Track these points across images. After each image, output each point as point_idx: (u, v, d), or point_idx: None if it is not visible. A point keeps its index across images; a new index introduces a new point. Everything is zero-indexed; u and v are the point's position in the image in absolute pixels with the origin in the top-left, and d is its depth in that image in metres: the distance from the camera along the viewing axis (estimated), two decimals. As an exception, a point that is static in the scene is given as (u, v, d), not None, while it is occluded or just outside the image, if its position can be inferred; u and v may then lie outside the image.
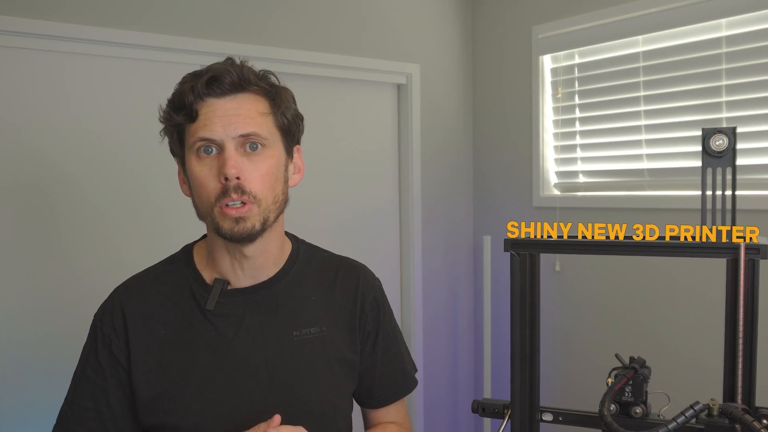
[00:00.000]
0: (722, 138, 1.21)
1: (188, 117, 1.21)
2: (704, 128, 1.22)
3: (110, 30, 2.52)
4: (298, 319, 1.34)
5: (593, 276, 3.11)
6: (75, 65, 2.49)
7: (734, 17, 2.58)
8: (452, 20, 3.58)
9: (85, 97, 2.51)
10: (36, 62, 2.42)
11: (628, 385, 1.27)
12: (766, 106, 2.51)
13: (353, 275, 1.44)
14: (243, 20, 2.88)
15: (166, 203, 2.65)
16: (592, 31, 3.06)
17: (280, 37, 2.97)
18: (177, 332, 1.28)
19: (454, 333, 3.64)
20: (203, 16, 2.75)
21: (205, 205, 1.22)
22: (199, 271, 1.33)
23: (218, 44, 2.77)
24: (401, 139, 3.47)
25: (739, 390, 1.19)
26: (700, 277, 2.69)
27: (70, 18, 2.45)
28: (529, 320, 1.32)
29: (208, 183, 1.20)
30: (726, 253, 1.20)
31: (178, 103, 1.23)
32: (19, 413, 2.39)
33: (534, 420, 1.34)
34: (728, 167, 1.22)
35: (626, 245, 1.28)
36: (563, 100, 3.25)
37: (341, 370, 1.38)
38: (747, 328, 1.18)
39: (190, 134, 1.22)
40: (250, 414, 1.26)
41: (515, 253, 1.33)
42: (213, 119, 1.20)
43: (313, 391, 1.33)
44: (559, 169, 3.30)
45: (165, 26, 2.66)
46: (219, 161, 1.20)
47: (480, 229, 3.66)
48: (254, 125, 1.22)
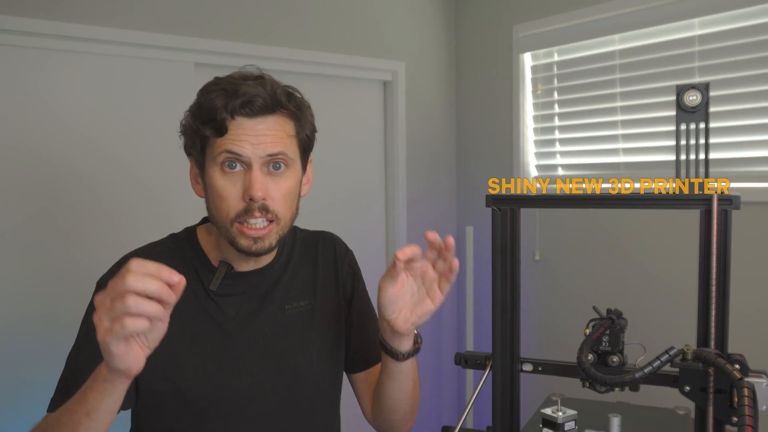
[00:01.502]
0: (696, 93, 1.21)
1: (217, 132, 1.20)
2: (678, 84, 1.22)
3: (94, 27, 2.53)
4: (288, 294, 1.38)
5: (572, 265, 3.10)
6: (71, 62, 2.49)
7: (706, 17, 2.59)
8: (436, 19, 3.60)
9: (82, 92, 2.52)
10: (37, 60, 2.43)
11: (605, 335, 1.25)
12: (737, 102, 2.51)
13: (330, 247, 1.48)
14: (238, 19, 2.89)
15: (161, 191, 2.66)
16: (571, 30, 3.07)
17: (272, 36, 2.99)
18: (181, 304, 1.26)
19: (438, 319, 3.63)
20: (194, 16, 2.76)
21: (224, 218, 1.23)
22: (205, 252, 1.34)
23: (210, 42, 2.78)
24: (387, 133, 3.48)
25: (712, 336, 1.18)
26: (674, 239, 2.69)
27: (67, 17, 2.46)
28: (510, 273, 1.30)
29: (230, 198, 1.21)
30: (699, 204, 1.19)
31: (207, 117, 1.21)
32: (15, 392, 2.37)
33: (515, 370, 1.32)
34: (701, 122, 1.21)
35: (602, 198, 1.27)
36: (543, 97, 3.26)
37: (331, 338, 1.43)
38: (720, 276, 1.17)
39: (217, 146, 1.21)
40: (248, 382, 1.31)
41: (496, 209, 1.31)
42: (243, 137, 1.20)
43: (306, 360, 1.37)
44: (539, 162, 3.30)
45: (154, 24, 2.67)
46: (245, 180, 1.20)
47: (463, 220, 3.66)
48: (282, 146, 1.23)
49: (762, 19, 2.43)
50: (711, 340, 1.18)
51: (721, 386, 1.16)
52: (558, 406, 1.28)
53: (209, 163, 1.23)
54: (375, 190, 3.47)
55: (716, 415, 1.17)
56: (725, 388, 1.16)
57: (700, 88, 1.21)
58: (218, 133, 1.20)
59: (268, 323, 1.34)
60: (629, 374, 1.15)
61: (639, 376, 1.14)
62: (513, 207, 1.31)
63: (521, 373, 1.33)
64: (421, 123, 3.56)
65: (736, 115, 2.53)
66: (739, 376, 1.07)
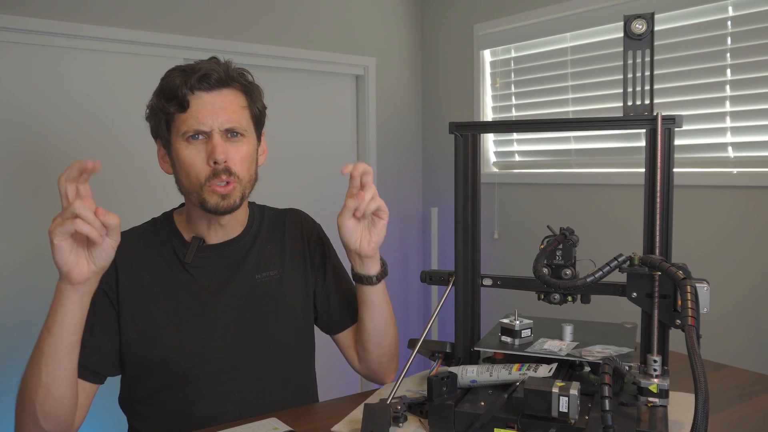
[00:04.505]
0: (642, 22, 1.20)
1: (180, 107, 1.27)
2: (625, 15, 1.22)
3: (87, 26, 2.58)
4: (258, 265, 1.40)
5: (528, 242, 3.10)
6: (63, 59, 2.53)
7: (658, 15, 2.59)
8: (404, 19, 3.61)
9: (73, 86, 2.57)
10: (26, 56, 2.48)
11: (558, 249, 1.24)
12: (679, 94, 2.52)
13: (296, 222, 1.51)
14: (221, 18, 2.92)
15: (149, 181, 2.68)
16: (527, 29, 3.09)
17: (249, 33, 3.02)
18: (160, 279, 1.33)
19: (406, 291, 3.61)
20: (170, 14, 2.77)
21: (193, 183, 1.28)
22: (180, 231, 1.38)
23: (187, 39, 2.79)
24: (359, 123, 3.48)
25: (657, 245, 1.17)
26: (622, 213, 2.70)
27: (61, 16, 2.51)
28: (471, 194, 1.28)
29: (197, 164, 1.26)
30: (645, 124, 1.18)
31: (169, 94, 1.27)
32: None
33: (476, 285, 1.30)
34: (647, 49, 1.21)
35: (555, 122, 1.26)
36: (501, 89, 3.27)
37: (300, 304, 1.43)
38: (664, 189, 1.17)
39: (181, 122, 1.26)
40: (224, 347, 1.33)
41: (459, 134, 1.30)
42: (203, 111, 1.26)
43: (277, 324, 1.39)
44: (498, 150, 3.30)
45: (129, 22, 2.68)
46: (207, 147, 1.26)
47: (428, 202, 3.66)
48: (236, 118, 1.29)
49: (698, 19, 2.46)
50: (656, 249, 1.17)
51: (665, 292, 1.15)
52: (515, 316, 1.26)
53: (175, 137, 1.28)
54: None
55: (661, 319, 1.15)
56: (669, 294, 1.15)
57: (646, 17, 1.21)
58: (181, 108, 1.26)
59: (240, 291, 1.36)
60: (581, 279, 1.13)
61: (590, 281, 1.12)
62: (474, 132, 1.29)
63: (482, 288, 1.31)
64: (390, 113, 3.56)
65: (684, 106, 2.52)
66: (683, 276, 1.06)
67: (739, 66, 2.33)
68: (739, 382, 1.39)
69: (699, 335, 0.97)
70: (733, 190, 2.34)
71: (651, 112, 1.20)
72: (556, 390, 1.00)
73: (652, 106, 1.20)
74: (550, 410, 1.01)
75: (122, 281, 1.31)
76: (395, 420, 1.14)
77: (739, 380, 1.41)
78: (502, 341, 1.26)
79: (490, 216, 3.22)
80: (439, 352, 1.30)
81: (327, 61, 3.28)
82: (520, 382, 1.11)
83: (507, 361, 1.22)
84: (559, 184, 2.96)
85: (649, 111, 1.20)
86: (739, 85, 2.34)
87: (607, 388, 0.97)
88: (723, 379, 1.42)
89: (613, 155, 2.77)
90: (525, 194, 3.12)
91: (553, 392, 1.00)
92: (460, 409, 1.09)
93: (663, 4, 2.51)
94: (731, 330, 2.33)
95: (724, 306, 2.34)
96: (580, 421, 1.02)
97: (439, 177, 3.59)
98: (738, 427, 1.17)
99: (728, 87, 2.37)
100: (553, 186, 3.00)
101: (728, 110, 2.37)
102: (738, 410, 1.24)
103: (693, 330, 0.96)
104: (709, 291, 1.06)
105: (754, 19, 2.28)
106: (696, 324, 0.99)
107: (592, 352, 1.18)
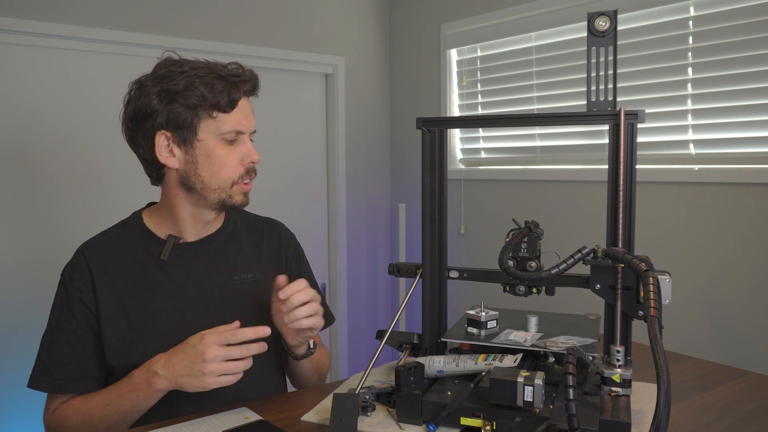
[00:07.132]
0: (605, 19, 1.19)
1: (227, 108, 1.28)
2: (589, 12, 1.21)
3: (76, 27, 2.55)
4: (236, 267, 1.39)
5: (493, 237, 3.10)
6: (52, 60, 2.46)
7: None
8: (372, 18, 3.58)
9: (64, 87, 2.53)
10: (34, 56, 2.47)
11: (523, 242, 1.23)
12: (642, 93, 2.53)
13: (276, 232, 1.51)
14: (194, 19, 2.88)
15: (132, 182, 2.60)
16: (492, 29, 3.08)
17: (219, 33, 2.99)
18: (135, 282, 1.31)
19: (374, 285, 3.59)
20: (142, 13, 2.74)
21: (221, 181, 1.29)
22: (152, 230, 1.36)
23: (160, 38, 2.76)
24: (329, 121, 3.44)
25: (620, 238, 1.16)
26: (585, 209, 2.71)
27: (51, 17, 2.47)
28: (439, 187, 1.27)
29: (229, 165, 1.29)
30: (609, 119, 1.18)
31: (220, 95, 1.26)
32: None
33: (442, 278, 1.28)
34: (610, 46, 1.20)
35: (521, 117, 1.25)
36: (467, 88, 3.26)
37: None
38: (627, 182, 1.16)
39: (222, 122, 1.27)
40: None
41: (426, 129, 1.28)
42: (242, 115, 1.30)
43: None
44: (464, 147, 3.29)
45: (102, 21, 2.64)
46: (242, 149, 1.31)
47: (396, 198, 3.64)
48: (254, 122, 1.37)
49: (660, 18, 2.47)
50: (619, 241, 1.17)
51: (628, 284, 1.14)
52: (481, 308, 1.25)
53: (207, 135, 1.27)
54: (317, 173, 3.42)
55: (624, 310, 1.15)
56: (632, 286, 1.14)
57: (609, 14, 1.20)
58: (227, 109, 1.27)
59: (218, 293, 1.35)
60: (546, 271, 1.12)
61: (555, 273, 1.11)
62: (440, 128, 1.27)
63: (448, 280, 1.29)
64: (359, 111, 3.53)
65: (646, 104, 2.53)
66: (646, 268, 1.06)
67: (700, 65, 2.35)
68: (700, 373, 1.40)
69: (661, 326, 0.96)
70: (694, 186, 2.35)
71: (614, 108, 1.19)
72: (521, 380, 0.99)
73: (615, 101, 1.20)
74: (515, 399, 1.00)
75: (99, 288, 1.29)
76: (363, 409, 1.15)
77: (700, 371, 1.42)
78: (468, 332, 1.24)
79: (456, 212, 3.21)
80: (407, 343, 1.28)
81: (297, 60, 3.25)
82: (486, 372, 1.09)
83: (473, 352, 1.20)
84: (525, 181, 2.96)
85: (612, 107, 1.20)
86: (700, 84, 2.35)
87: (571, 378, 0.96)
88: (684, 370, 1.42)
89: (577, 152, 2.78)
90: (491, 190, 3.12)
91: (518, 382, 0.99)
92: (427, 399, 1.08)
93: (626, 4, 2.52)
94: (690, 320, 2.36)
95: (683, 296, 2.36)
96: (544, 410, 1.02)
97: (407, 174, 3.57)
98: (699, 416, 1.17)
99: (690, 85, 2.38)
100: (518, 182, 3.00)
101: (690, 108, 2.39)
102: (699, 400, 1.24)
103: (655, 321, 0.95)
104: (671, 283, 1.06)
105: (715, 19, 2.29)
106: (658, 315, 0.98)
107: (556, 343, 1.17)
